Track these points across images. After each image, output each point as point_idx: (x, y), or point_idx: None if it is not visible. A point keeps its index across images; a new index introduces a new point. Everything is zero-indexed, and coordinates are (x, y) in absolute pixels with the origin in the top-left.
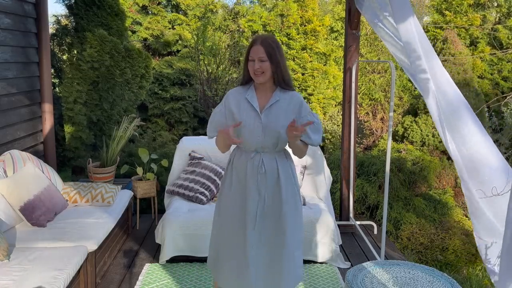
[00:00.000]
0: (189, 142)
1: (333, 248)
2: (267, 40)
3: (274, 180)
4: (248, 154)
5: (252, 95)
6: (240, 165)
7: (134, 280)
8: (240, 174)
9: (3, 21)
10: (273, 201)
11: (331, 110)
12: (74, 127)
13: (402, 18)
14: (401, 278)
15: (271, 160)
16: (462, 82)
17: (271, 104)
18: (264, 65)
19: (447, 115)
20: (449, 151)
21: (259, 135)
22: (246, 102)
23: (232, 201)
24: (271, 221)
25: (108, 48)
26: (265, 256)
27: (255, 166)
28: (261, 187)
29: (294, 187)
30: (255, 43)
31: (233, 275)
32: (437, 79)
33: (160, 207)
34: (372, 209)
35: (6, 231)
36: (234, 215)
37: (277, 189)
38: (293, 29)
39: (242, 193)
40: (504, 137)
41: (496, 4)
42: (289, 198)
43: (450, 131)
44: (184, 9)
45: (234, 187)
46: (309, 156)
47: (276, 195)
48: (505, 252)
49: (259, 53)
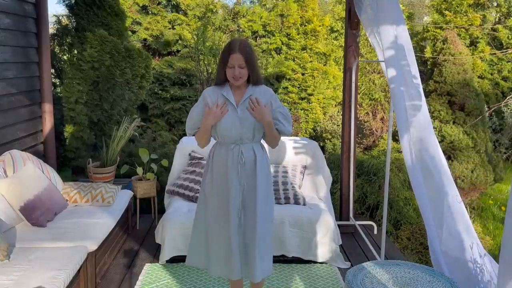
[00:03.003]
0: (189, 142)
1: (333, 248)
2: (245, 48)
3: (251, 169)
4: (227, 147)
5: (228, 91)
6: (220, 158)
7: (134, 280)
8: (221, 167)
9: (3, 21)
10: (249, 190)
11: (331, 110)
12: (75, 127)
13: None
14: (401, 278)
15: (249, 151)
16: (462, 82)
17: (245, 98)
18: (243, 71)
19: (419, 130)
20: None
21: (237, 127)
22: (223, 97)
23: (215, 194)
24: (248, 209)
25: (108, 48)
26: (241, 243)
27: (235, 157)
28: (241, 176)
29: (268, 177)
30: (233, 51)
31: (221, 263)
32: (412, 94)
33: (160, 207)
34: (372, 209)
35: (6, 231)
36: (219, 207)
37: (253, 177)
38: (293, 29)
39: (223, 184)
40: (504, 137)
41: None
42: (262, 187)
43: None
44: (184, 9)
45: (215, 180)
46: (309, 156)
47: (252, 184)
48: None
49: (239, 60)
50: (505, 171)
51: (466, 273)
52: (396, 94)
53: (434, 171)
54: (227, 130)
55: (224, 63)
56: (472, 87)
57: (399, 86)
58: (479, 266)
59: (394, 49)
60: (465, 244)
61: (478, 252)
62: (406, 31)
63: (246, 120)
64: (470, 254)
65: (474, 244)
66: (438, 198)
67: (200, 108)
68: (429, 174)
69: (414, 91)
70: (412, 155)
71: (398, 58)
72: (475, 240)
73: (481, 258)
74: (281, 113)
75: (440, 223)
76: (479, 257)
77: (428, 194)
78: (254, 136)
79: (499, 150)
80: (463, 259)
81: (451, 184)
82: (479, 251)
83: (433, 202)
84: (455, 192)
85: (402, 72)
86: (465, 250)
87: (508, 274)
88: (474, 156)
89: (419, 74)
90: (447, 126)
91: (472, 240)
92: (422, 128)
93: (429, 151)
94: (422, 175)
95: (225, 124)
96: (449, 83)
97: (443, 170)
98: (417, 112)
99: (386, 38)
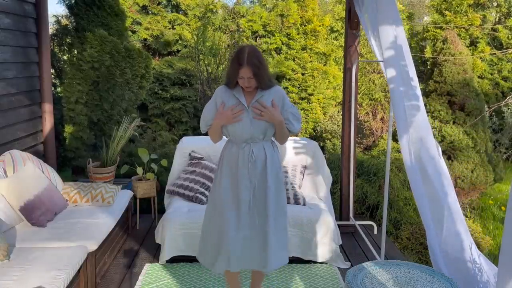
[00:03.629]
0: (189, 142)
1: (333, 248)
2: (252, 60)
3: (262, 167)
4: (239, 145)
5: (239, 92)
6: (231, 156)
7: (134, 280)
8: (232, 165)
9: (3, 21)
10: (260, 187)
11: (331, 110)
12: (75, 127)
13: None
14: (401, 278)
15: (259, 150)
16: (462, 82)
17: (257, 99)
18: (252, 81)
19: (418, 130)
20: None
21: (248, 128)
22: (234, 98)
23: (225, 191)
24: (259, 205)
25: (108, 48)
26: (253, 238)
27: (246, 155)
28: (252, 174)
29: (279, 174)
30: (241, 66)
31: (227, 255)
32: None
33: (160, 207)
34: (372, 209)
35: (6, 231)
36: (228, 203)
37: (263, 175)
38: (293, 29)
39: (233, 182)
40: (504, 137)
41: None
42: (272, 184)
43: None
44: (184, 9)
45: (226, 178)
46: (309, 156)
47: (263, 181)
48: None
49: (247, 73)
50: (505, 171)
51: (465, 273)
52: (396, 94)
53: (433, 172)
54: (238, 130)
55: (235, 74)
56: (472, 87)
57: (399, 86)
58: (477, 266)
59: (393, 49)
60: (464, 244)
61: (477, 251)
62: (403, 32)
63: (258, 121)
64: (469, 254)
65: (472, 245)
66: (437, 198)
67: (212, 106)
68: (429, 174)
69: (413, 91)
70: (411, 155)
71: (397, 59)
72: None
73: (479, 258)
74: (292, 113)
75: (440, 223)
76: (478, 257)
77: (427, 194)
78: (265, 135)
79: (499, 150)
80: (463, 259)
81: (450, 185)
82: (476, 252)
83: (432, 202)
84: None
85: (401, 73)
86: (465, 250)
87: (508, 274)
88: (474, 156)
89: (416, 75)
90: (447, 126)
91: (471, 240)
92: (422, 129)
93: (429, 151)
94: (421, 175)
95: (236, 125)
96: (449, 83)
97: (442, 171)
98: (416, 112)
99: (386, 39)
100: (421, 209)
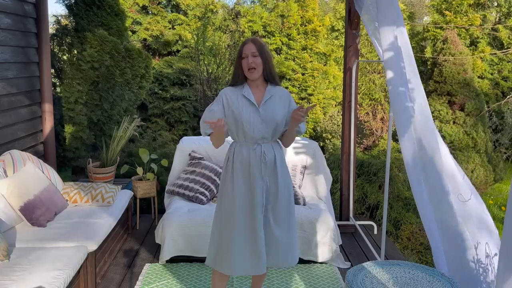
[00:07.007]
0: (189, 142)
1: (333, 248)
2: (257, 39)
3: (272, 167)
4: (249, 146)
5: (248, 92)
6: (242, 157)
7: (134, 280)
8: (244, 166)
9: (3, 21)
10: (272, 186)
11: (331, 110)
12: (74, 127)
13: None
14: (401, 278)
15: (269, 149)
16: (462, 82)
17: (266, 99)
18: (256, 60)
19: (418, 130)
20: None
21: (259, 127)
22: (243, 98)
23: (239, 192)
24: (272, 203)
25: (108, 48)
26: (269, 236)
27: (258, 156)
28: (264, 174)
29: (287, 173)
30: (246, 42)
31: (245, 258)
32: (414, 96)
33: (160, 207)
34: (372, 209)
35: (6, 231)
36: (243, 204)
37: (274, 174)
38: (293, 30)
39: (246, 182)
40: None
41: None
42: (283, 182)
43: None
44: (184, 9)
45: (239, 179)
46: (309, 156)
47: (274, 180)
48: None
49: (251, 49)
50: (505, 171)
51: (467, 273)
52: (395, 95)
53: (434, 171)
54: (250, 130)
55: (240, 56)
56: (472, 87)
57: (398, 87)
58: (482, 266)
59: (393, 50)
60: (467, 244)
61: (487, 251)
62: (405, 32)
63: (269, 121)
64: (473, 254)
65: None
66: (438, 197)
67: (220, 109)
68: (429, 174)
69: (413, 92)
70: (412, 155)
71: (397, 59)
72: (490, 240)
73: (487, 258)
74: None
75: (441, 223)
76: (485, 257)
77: (428, 193)
78: (273, 135)
79: (499, 150)
80: (465, 259)
81: (454, 183)
82: (491, 251)
83: (433, 202)
84: (460, 191)
85: (401, 73)
86: (468, 250)
87: (508, 274)
88: (474, 156)
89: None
90: (447, 126)
91: (484, 239)
92: (422, 129)
93: (428, 151)
94: (421, 175)
95: (246, 125)
96: (449, 83)
97: (444, 169)
98: (416, 112)
99: (386, 40)
100: (421, 209)
